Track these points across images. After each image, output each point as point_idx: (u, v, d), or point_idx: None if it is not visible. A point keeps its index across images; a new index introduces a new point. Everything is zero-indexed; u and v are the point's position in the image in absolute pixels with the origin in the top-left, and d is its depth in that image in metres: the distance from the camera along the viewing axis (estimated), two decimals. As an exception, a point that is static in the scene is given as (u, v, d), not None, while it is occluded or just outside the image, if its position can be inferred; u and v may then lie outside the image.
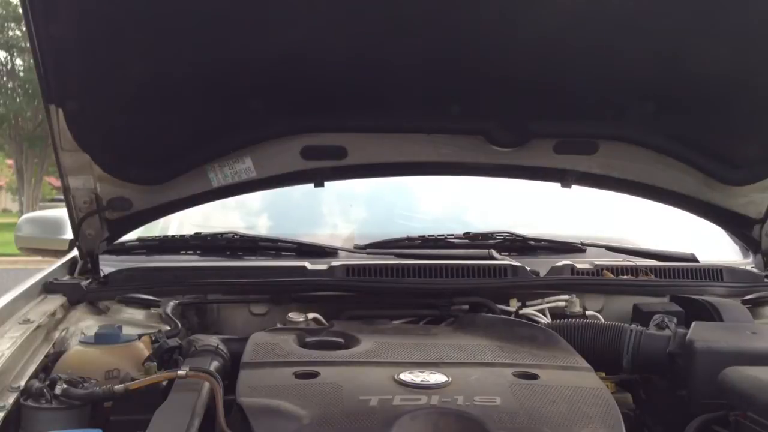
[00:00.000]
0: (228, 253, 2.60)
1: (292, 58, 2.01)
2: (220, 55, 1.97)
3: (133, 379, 1.55)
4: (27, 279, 2.24)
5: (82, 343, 1.75)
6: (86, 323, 2.03)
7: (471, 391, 1.51)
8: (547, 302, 2.29)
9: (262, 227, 2.96)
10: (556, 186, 2.52)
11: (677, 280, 2.45)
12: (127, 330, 1.84)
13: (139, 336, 1.80)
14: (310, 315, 2.08)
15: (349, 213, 3.08)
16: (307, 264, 2.40)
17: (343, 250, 2.59)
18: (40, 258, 3.40)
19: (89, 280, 2.27)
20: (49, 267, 2.39)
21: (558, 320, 2.11)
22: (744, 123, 2.31)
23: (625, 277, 2.46)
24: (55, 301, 2.10)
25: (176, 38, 1.92)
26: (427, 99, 2.21)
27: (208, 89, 2.08)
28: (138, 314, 2.13)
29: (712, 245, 2.83)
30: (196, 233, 2.64)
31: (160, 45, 1.94)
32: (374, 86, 2.15)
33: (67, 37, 1.84)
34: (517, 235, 2.67)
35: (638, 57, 2.06)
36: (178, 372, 1.53)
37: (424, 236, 2.65)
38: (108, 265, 2.38)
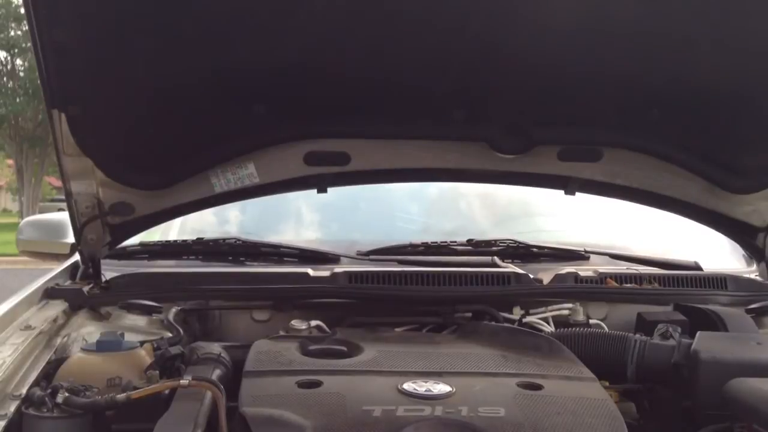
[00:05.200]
0: (230, 258, 2.59)
1: (296, 65, 2.00)
2: (223, 60, 1.97)
3: (135, 388, 1.54)
4: (27, 279, 2.23)
5: (83, 350, 1.74)
6: (88, 329, 2.02)
7: (475, 401, 1.51)
8: (551, 310, 2.27)
9: (264, 233, 2.94)
10: (559, 193, 2.51)
11: (681, 288, 2.45)
12: (129, 336, 1.84)
13: (141, 343, 1.79)
14: (313, 322, 2.08)
15: (351, 219, 3.07)
16: (310, 270, 2.40)
17: (345, 256, 2.58)
18: (40, 259, 3.39)
19: (91, 285, 2.26)
20: (50, 272, 2.38)
21: (561, 329, 2.10)
22: (749, 131, 2.29)
23: (628, 285, 2.45)
24: (57, 307, 2.09)
25: (180, 44, 1.92)
26: (431, 105, 2.20)
27: (211, 95, 2.08)
28: (140, 320, 2.13)
29: (716, 253, 2.82)
30: (198, 238, 2.63)
31: (164, 50, 1.93)
32: (378, 92, 2.15)
33: (70, 42, 1.83)
34: (520, 243, 2.66)
35: (643, 65, 2.05)
36: (181, 381, 1.52)
37: (426, 243, 2.63)
38: (110, 269, 2.37)
